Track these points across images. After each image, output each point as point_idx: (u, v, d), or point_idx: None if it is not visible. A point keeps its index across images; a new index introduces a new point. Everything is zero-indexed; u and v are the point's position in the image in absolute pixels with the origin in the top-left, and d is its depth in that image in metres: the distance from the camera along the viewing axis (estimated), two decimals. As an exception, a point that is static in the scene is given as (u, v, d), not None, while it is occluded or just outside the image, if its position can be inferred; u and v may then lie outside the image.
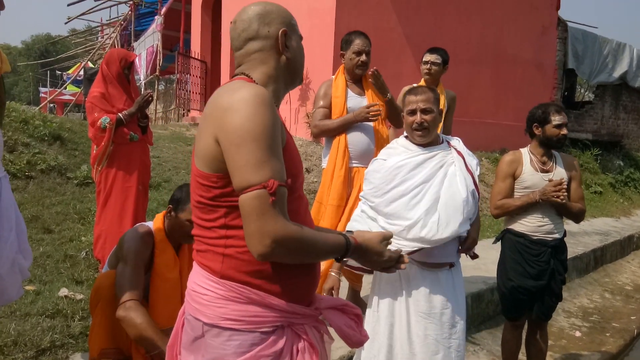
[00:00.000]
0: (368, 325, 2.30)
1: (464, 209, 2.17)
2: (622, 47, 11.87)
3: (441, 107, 3.64)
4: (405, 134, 2.38)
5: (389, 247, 1.46)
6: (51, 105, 18.65)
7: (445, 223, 2.14)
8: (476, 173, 2.27)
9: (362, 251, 1.38)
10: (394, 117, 3.28)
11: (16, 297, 2.25)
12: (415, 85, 3.68)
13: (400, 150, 2.32)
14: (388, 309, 2.24)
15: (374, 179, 2.29)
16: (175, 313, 2.26)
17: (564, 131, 2.84)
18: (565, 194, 2.73)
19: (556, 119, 2.86)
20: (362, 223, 2.29)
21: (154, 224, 2.41)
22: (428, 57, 3.74)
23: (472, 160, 2.30)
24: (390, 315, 2.24)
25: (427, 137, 2.26)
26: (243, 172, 1.16)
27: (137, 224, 2.47)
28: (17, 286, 2.18)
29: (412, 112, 2.26)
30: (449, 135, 2.47)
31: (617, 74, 11.68)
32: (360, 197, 2.38)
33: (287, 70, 1.40)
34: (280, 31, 1.35)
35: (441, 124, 3.65)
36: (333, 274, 2.38)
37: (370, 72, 3.13)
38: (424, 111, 2.23)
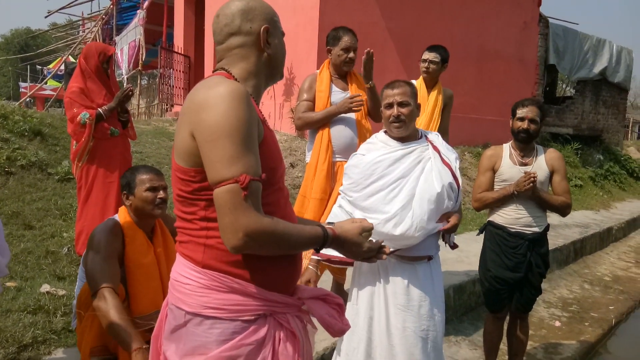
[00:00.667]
0: (348, 318, 2.32)
1: (438, 204, 2.19)
2: (602, 43, 12.07)
3: (438, 105, 3.66)
4: (384, 128, 2.40)
5: (370, 239, 1.46)
6: (28, 100, 18.32)
7: (420, 218, 2.17)
8: (454, 165, 2.29)
9: (340, 242, 1.38)
10: (375, 108, 3.27)
11: None
12: (413, 81, 3.70)
13: (379, 146, 2.34)
14: (367, 302, 2.27)
15: (353, 173, 2.31)
16: (156, 298, 2.28)
17: (524, 125, 2.87)
18: (531, 184, 2.76)
19: (518, 112, 2.92)
20: (339, 217, 2.30)
21: (119, 216, 2.40)
22: (427, 55, 3.63)
23: (451, 155, 2.32)
24: (369, 309, 2.26)
25: (405, 131, 2.28)
26: (216, 167, 1.19)
27: (106, 220, 2.44)
28: None
29: (389, 106, 2.28)
30: (428, 131, 2.49)
31: (597, 69, 11.88)
32: (339, 192, 2.41)
33: (268, 67, 1.41)
34: (263, 28, 1.36)
35: (438, 122, 3.65)
36: (310, 267, 2.39)
37: (365, 51, 3.12)
38: (400, 104, 2.26)
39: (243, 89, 1.24)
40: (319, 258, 2.36)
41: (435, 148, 2.30)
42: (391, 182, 2.21)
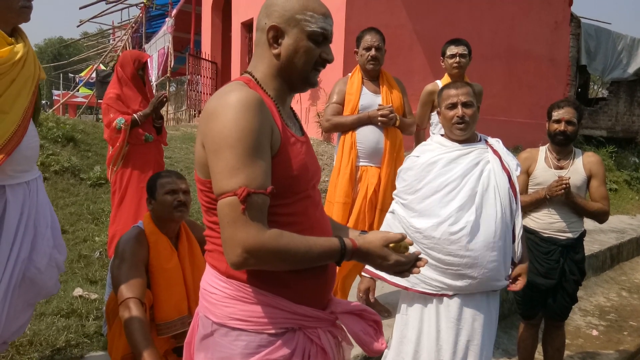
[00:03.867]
0: (397, 327, 2.26)
1: (498, 213, 2.09)
2: (636, 43, 11.69)
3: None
4: (441, 132, 2.34)
5: (410, 249, 1.36)
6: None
7: (478, 224, 2.06)
8: (515, 173, 2.18)
9: (363, 255, 1.29)
10: (402, 131, 3.27)
11: (55, 291, 2.34)
12: (437, 82, 3.60)
13: (434, 147, 2.26)
14: (417, 314, 2.18)
15: (407, 176, 2.24)
16: (179, 304, 2.29)
17: (561, 127, 2.79)
18: (563, 189, 2.68)
19: (554, 114, 2.84)
20: (390, 225, 2.25)
21: (144, 222, 2.41)
22: (454, 49, 3.45)
23: (512, 161, 2.22)
24: (419, 321, 2.17)
25: (467, 132, 2.20)
26: (218, 179, 1.15)
27: (130, 228, 2.45)
28: (54, 280, 2.28)
29: (453, 106, 2.18)
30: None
31: (632, 69, 11.50)
32: (393, 196, 2.33)
33: (284, 69, 1.30)
34: (269, 26, 1.26)
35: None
36: (366, 275, 2.33)
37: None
38: (465, 105, 2.17)
39: (254, 96, 1.18)
40: (367, 275, 2.31)
41: (495, 152, 2.20)
42: (447, 183, 2.11)
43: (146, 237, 2.34)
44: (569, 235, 2.84)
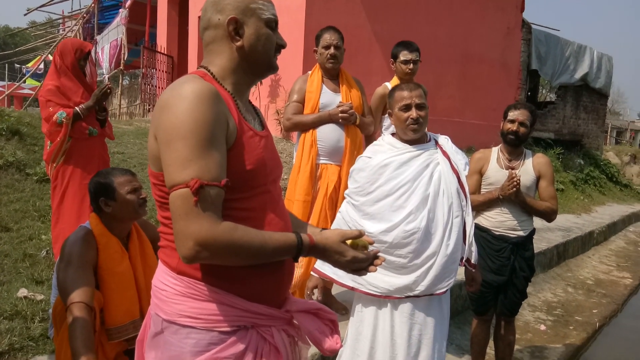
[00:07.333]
0: (352, 325, 2.27)
1: (447, 215, 2.13)
2: (583, 49, 12.26)
3: None
4: (392, 131, 2.36)
5: (371, 248, 1.37)
6: None
7: (429, 228, 2.10)
8: (463, 173, 2.21)
9: (320, 250, 1.28)
10: (363, 128, 3.29)
11: None
12: (386, 84, 3.63)
13: (385, 148, 2.26)
14: (372, 311, 2.20)
15: (359, 177, 2.24)
16: (131, 308, 2.21)
17: (514, 127, 2.89)
18: (514, 187, 2.77)
19: (510, 114, 2.94)
20: (341, 224, 2.25)
21: (91, 224, 2.27)
22: (408, 55, 3.42)
23: (461, 160, 2.24)
24: (374, 317, 2.19)
25: (420, 133, 2.23)
26: (170, 171, 1.13)
27: (77, 229, 2.32)
28: None
29: (407, 108, 2.19)
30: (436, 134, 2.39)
31: (578, 75, 12.06)
32: (344, 196, 2.34)
33: (246, 60, 1.29)
34: (228, 19, 1.26)
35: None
36: (314, 273, 2.33)
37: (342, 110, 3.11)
38: (418, 106, 2.18)
39: (208, 88, 1.16)
40: (314, 274, 2.30)
41: (444, 153, 2.23)
42: (399, 187, 2.13)
43: (95, 238, 2.22)
44: (520, 233, 2.94)
